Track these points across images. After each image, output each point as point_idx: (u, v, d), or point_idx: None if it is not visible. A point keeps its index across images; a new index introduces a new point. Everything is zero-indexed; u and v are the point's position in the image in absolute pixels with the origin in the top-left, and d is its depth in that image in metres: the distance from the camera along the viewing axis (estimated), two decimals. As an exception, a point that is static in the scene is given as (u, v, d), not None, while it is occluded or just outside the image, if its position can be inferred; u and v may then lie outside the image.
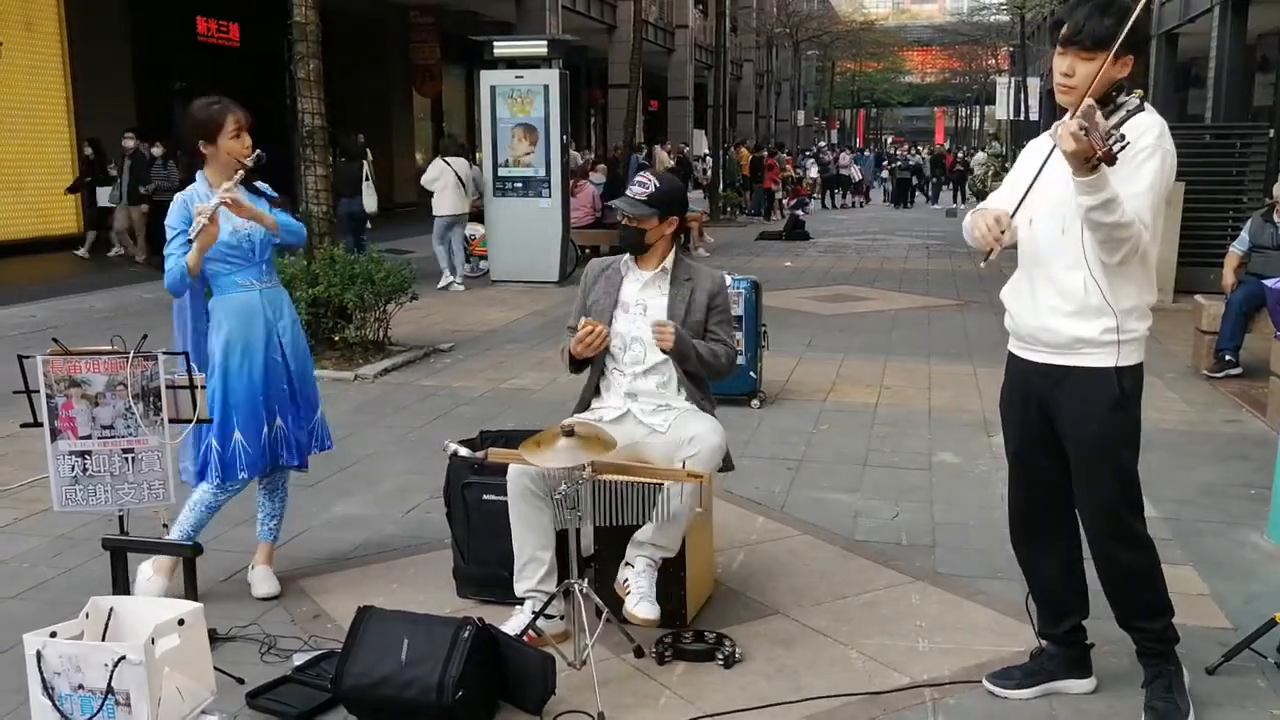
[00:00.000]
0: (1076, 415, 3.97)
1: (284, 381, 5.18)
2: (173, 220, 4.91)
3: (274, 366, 5.12)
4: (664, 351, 4.78)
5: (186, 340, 5.06)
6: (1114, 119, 3.60)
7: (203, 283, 5.04)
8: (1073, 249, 3.85)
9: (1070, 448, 4.03)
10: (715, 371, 4.94)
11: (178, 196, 5.02)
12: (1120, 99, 3.75)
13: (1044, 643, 4.38)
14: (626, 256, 5.03)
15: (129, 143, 17.57)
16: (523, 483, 4.56)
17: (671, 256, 5.01)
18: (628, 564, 4.67)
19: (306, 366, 5.37)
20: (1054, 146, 3.78)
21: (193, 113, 5.03)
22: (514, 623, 4.58)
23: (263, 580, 5.27)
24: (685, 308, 4.92)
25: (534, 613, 4.57)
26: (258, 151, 5.04)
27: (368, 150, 18.86)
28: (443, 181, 16.45)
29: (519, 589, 4.69)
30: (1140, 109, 3.69)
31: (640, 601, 4.53)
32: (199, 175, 5.07)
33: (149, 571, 5.09)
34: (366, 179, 17.11)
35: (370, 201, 17.16)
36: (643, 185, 4.90)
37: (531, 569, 4.65)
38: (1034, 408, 4.13)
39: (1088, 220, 3.68)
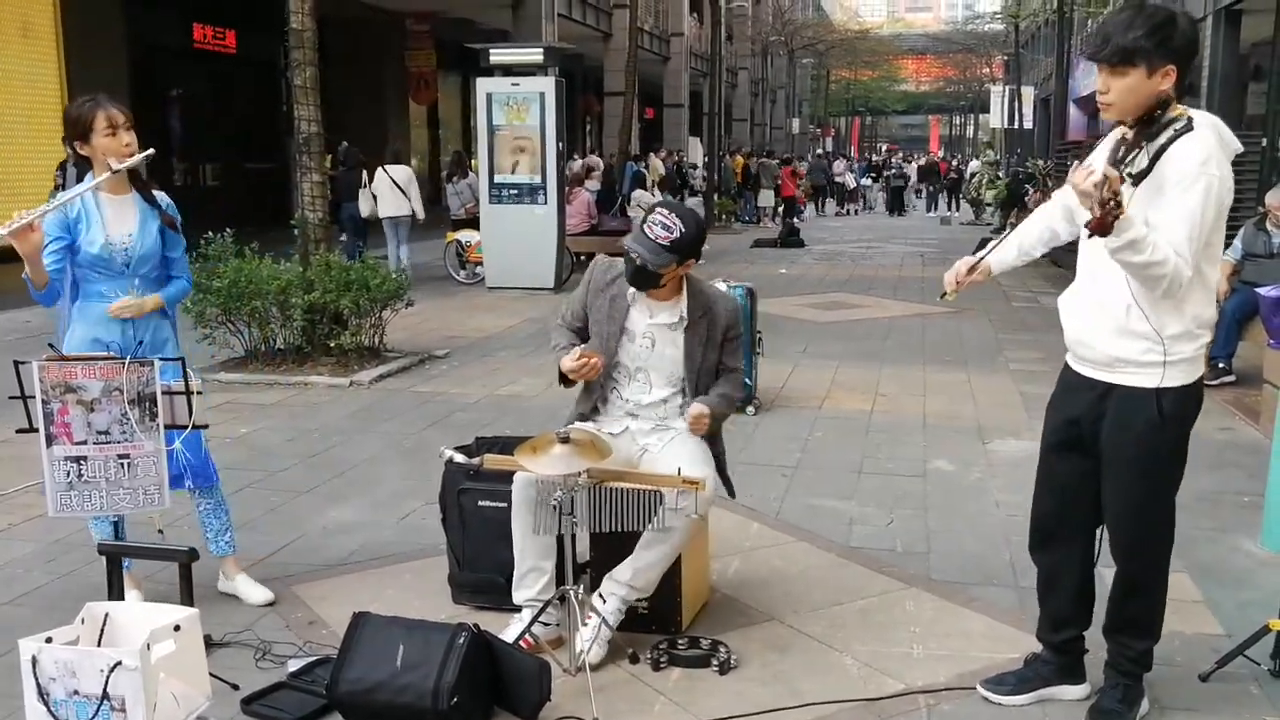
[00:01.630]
0: (1114, 433, 3.91)
1: None
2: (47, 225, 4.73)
3: None
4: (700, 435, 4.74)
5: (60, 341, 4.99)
6: (1160, 140, 3.53)
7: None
8: (1118, 270, 3.70)
9: (1106, 465, 3.98)
10: (728, 416, 4.97)
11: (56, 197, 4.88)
12: (1166, 117, 3.63)
13: (1039, 649, 4.39)
14: None
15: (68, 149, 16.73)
16: (528, 493, 4.52)
17: (685, 294, 4.77)
18: (600, 597, 4.64)
19: None
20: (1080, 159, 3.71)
21: (66, 112, 4.93)
22: (511, 632, 4.57)
23: (251, 587, 5.27)
24: (702, 349, 4.76)
25: (531, 619, 4.56)
26: (149, 151, 4.83)
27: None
28: (381, 187, 17.62)
29: (518, 597, 4.69)
30: (1188, 129, 3.57)
31: (594, 645, 4.47)
32: (89, 176, 4.89)
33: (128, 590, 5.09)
34: (363, 186, 17.77)
35: (364, 207, 17.76)
36: (666, 229, 4.50)
37: (532, 578, 4.65)
38: (1069, 420, 4.08)
39: (1115, 261, 3.57)
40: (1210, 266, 3.78)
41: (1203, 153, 3.59)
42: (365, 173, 17.78)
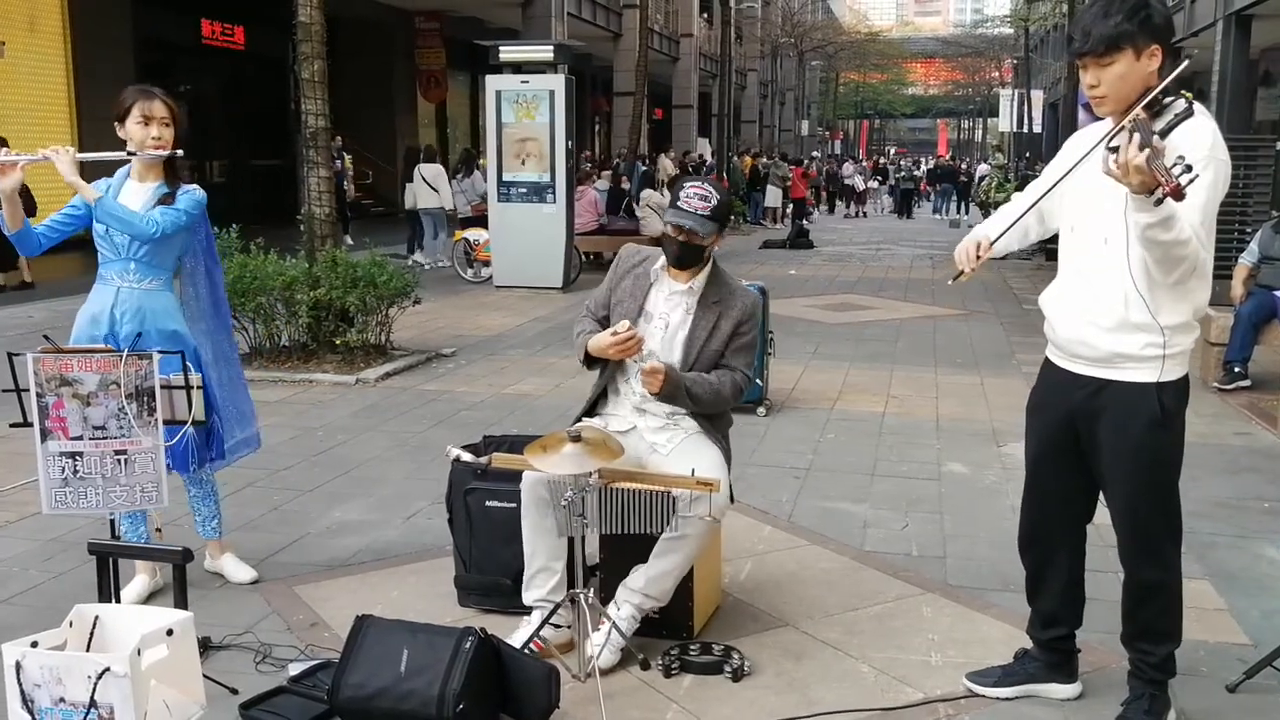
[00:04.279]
0: (1114, 431, 3.84)
1: None
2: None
3: None
4: (651, 394, 4.55)
5: None
6: (1159, 124, 3.40)
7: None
8: (1115, 261, 3.69)
9: (1105, 463, 3.91)
10: (710, 406, 4.65)
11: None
12: (1166, 101, 3.54)
13: (1029, 646, 4.37)
14: (660, 261, 4.73)
15: None
16: (537, 492, 4.44)
17: (705, 273, 4.70)
18: (615, 604, 4.56)
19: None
20: (1093, 148, 3.63)
21: (121, 93, 5.03)
22: (521, 634, 4.48)
23: (236, 566, 5.34)
24: (707, 334, 4.65)
25: (540, 622, 4.47)
26: (171, 151, 4.98)
27: (345, 155, 19.79)
28: (418, 183, 19.52)
29: (528, 598, 4.60)
30: (1189, 114, 3.47)
31: (604, 650, 4.39)
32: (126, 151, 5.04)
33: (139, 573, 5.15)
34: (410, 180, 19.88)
35: (407, 200, 20.08)
36: (704, 199, 4.52)
37: (542, 578, 4.55)
38: (1062, 419, 4.01)
39: (1144, 238, 3.48)
40: (1207, 255, 3.71)
41: (1210, 137, 3.58)
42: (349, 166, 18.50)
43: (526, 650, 4.27)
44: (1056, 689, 4.28)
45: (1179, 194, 3.22)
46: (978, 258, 3.95)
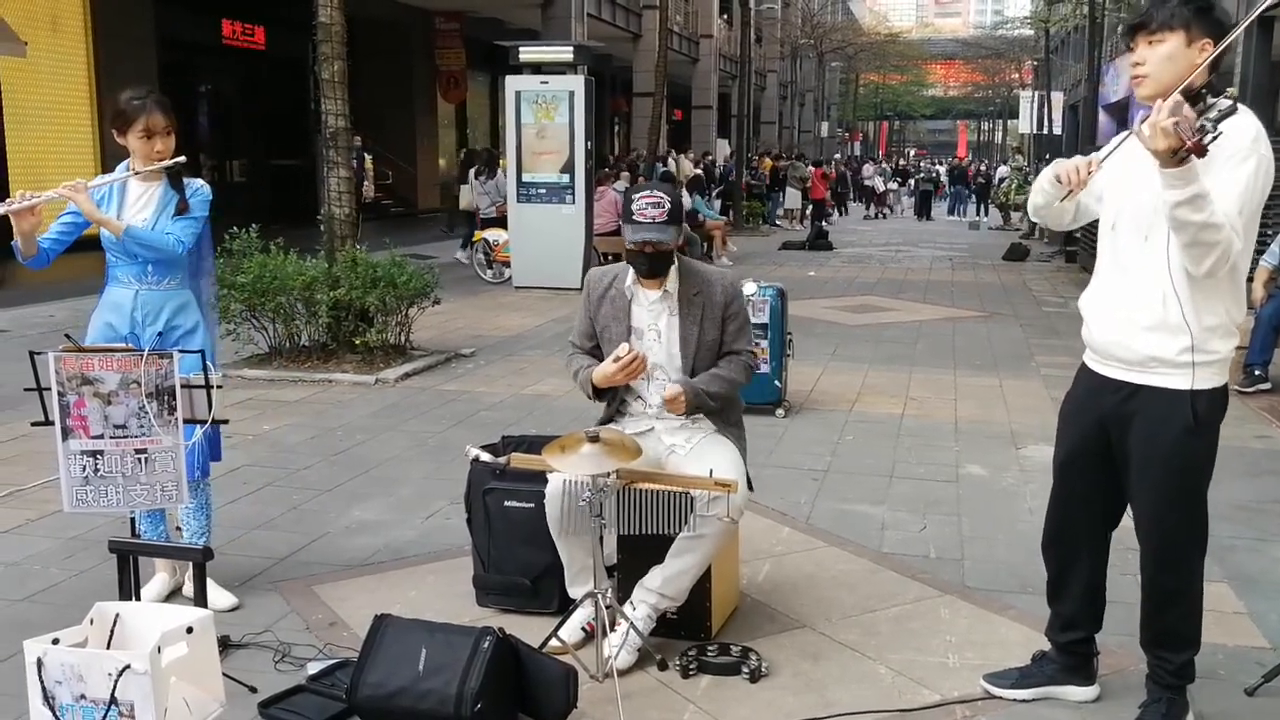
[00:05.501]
0: (1144, 438, 3.82)
1: None
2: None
3: None
4: (679, 415, 4.63)
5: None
6: (1203, 119, 3.40)
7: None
8: (1155, 258, 3.68)
9: (1135, 470, 3.89)
10: (731, 397, 4.76)
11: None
12: (1211, 99, 3.55)
13: (1047, 648, 4.37)
14: (630, 277, 4.71)
15: None
16: (563, 502, 4.46)
17: (674, 272, 4.69)
18: (631, 604, 4.57)
19: None
20: (1138, 124, 3.62)
21: (117, 100, 4.97)
22: (578, 617, 4.62)
23: (216, 593, 5.05)
24: (698, 328, 4.66)
25: (558, 623, 4.49)
26: (177, 159, 4.94)
27: (365, 155, 19.83)
28: (471, 183, 20.16)
29: (575, 594, 4.68)
30: (1233, 110, 3.50)
31: (621, 651, 4.40)
32: (121, 166, 5.01)
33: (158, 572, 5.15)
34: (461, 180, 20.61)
35: (462, 200, 20.86)
36: (657, 206, 4.50)
37: (584, 576, 4.61)
38: (1095, 425, 3.99)
39: (1174, 218, 3.48)
40: (1243, 260, 3.71)
41: (1253, 130, 3.60)
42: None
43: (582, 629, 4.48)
44: (1074, 691, 4.27)
45: (1200, 150, 3.25)
46: (1089, 174, 3.87)
